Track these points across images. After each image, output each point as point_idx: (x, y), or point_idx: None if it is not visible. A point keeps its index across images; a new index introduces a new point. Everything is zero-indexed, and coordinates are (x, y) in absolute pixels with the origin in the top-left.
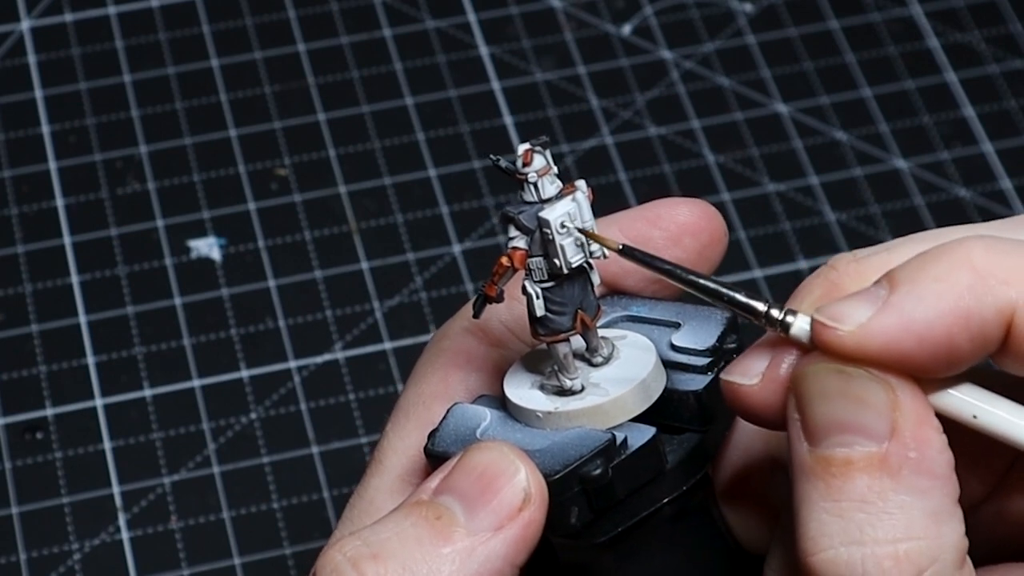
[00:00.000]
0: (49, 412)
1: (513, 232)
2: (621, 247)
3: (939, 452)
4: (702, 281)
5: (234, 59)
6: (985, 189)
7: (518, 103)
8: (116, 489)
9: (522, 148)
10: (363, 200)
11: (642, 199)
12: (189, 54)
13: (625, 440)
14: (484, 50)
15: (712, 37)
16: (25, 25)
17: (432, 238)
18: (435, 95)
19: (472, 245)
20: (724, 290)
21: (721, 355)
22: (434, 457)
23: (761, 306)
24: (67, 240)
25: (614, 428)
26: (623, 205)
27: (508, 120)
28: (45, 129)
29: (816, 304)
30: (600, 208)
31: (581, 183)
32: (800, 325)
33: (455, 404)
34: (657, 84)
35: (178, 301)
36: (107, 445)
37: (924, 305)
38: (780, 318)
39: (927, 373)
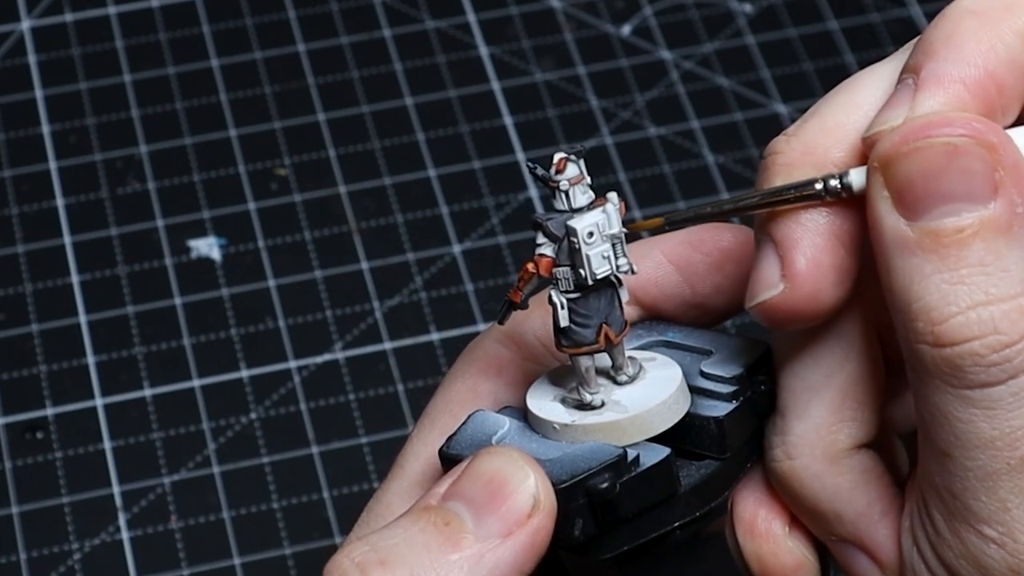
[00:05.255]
0: (49, 412)
1: (541, 239)
2: (664, 223)
3: None
4: (747, 201)
5: (234, 59)
6: None
7: (518, 103)
8: (116, 489)
9: (557, 156)
10: (363, 200)
11: (642, 199)
12: (189, 54)
13: (637, 458)
14: (484, 50)
15: (712, 37)
16: (25, 25)
17: (432, 238)
18: (435, 95)
19: (472, 245)
20: (771, 193)
21: (749, 384)
22: (448, 460)
23: (817, 184)
24: (67, 240)
25: (629, 446)
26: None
27: (508, 120)
28: (45, 129)
29: (796, 178)
30: None
31: (613, 195)
32: (857, 178)
33: (476, 411)
34: (657, 84)
35: (178, 301)
36: (107, 445)
37: (958, 63)
38: (838, 183)
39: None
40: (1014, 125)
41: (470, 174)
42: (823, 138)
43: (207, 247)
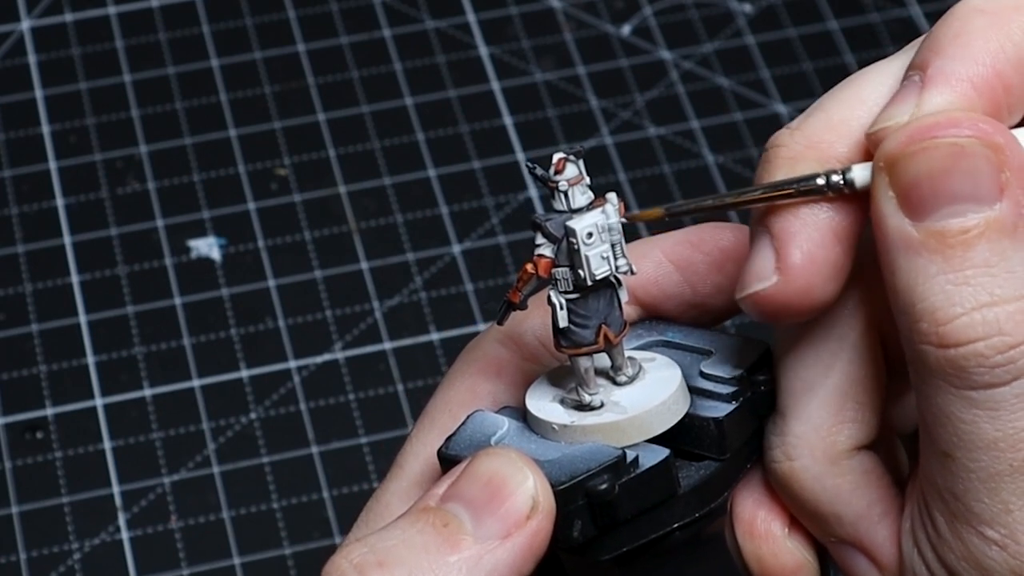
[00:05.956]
0: (49, 412)
1: (540, 239)
2: (664, 212)
3: None
4: (749, 194)
5: (234, 59)
6: None
7: (518, 103)
8: (116, 489)
9: (556, 156)
10: (363, 200)
11: (642, 199)
12: (189, 54)
13: (636, 459)
14: (484, 50)
15: (711, 37)
16: (25, 25)
17: (432, 238)
18: (435, 95)
19: (472, 245)
20: (772, 186)
21: (748, 384)
22: (446, 460)
23: (819, 179)
24: (67, 240)
25: (628, 447)
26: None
27: (508, 120)
28: (45, 129)
29: (798, 172)
30: None
31: (612, 196)
32: (860, 174)
33: (475, 411)
34: (657, 84)
35: (178, 301)
36: (107, 445)
37: (966, 61)
38: (840, 178)
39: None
40: (1020, 125)
41: (470, 174)
42: (827, 133)
43: (207, 247)
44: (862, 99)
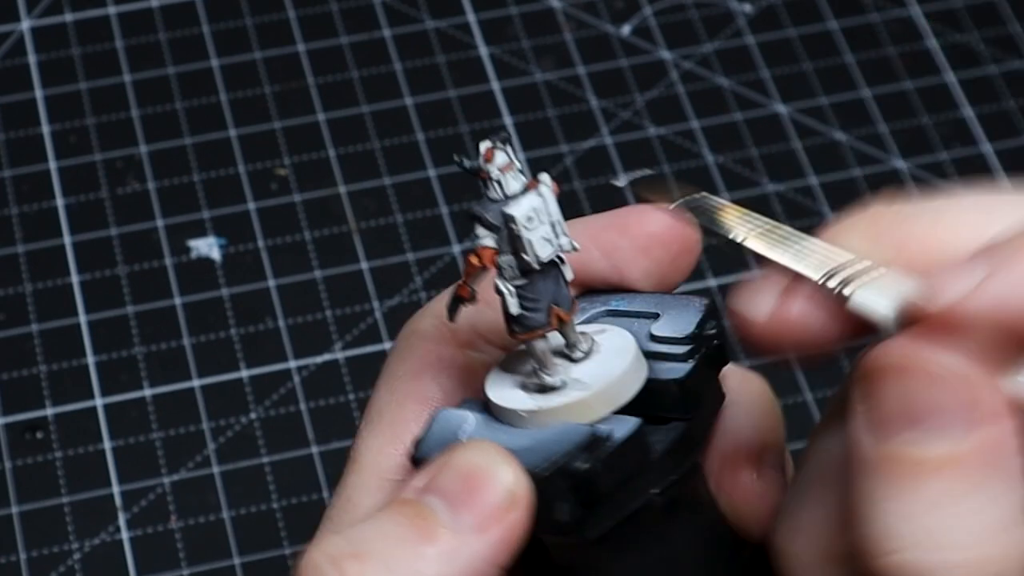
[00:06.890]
0: (49, 412)
1: (480, 231)
2: (685, 202)
3: (1013, 455)
4: (777, 255)
5: (234, 59)
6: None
7: (518, 103)
8: (116, 489)
9: (483, 146)
10: (363, 200)
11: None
12: (189, 54)
13: (610, 433)
14: (484, 50)
15: (711, 38)
16: (25, 25)
17: (432, 238)
18: (435, 95)
19: (472, 245)
20: (798, 259)
21: (701, 341)
22: (420, 465)
23: (823, 279)
24: (67, 240)
25: (598, 422)
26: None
27: (508, 120)
28: (45, 129)
29: (852, 254)
30: (601, 208)
31: (544, 176)
32: (857, 297)
33: (439, 410)
34: (657, 84)
35: (178, 301)
36: (107, 445)
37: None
38: (839, 288)
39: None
40: None
41: (470, 175)
42: (911, 240)
43: (207, 247)
44: (959, 226)
